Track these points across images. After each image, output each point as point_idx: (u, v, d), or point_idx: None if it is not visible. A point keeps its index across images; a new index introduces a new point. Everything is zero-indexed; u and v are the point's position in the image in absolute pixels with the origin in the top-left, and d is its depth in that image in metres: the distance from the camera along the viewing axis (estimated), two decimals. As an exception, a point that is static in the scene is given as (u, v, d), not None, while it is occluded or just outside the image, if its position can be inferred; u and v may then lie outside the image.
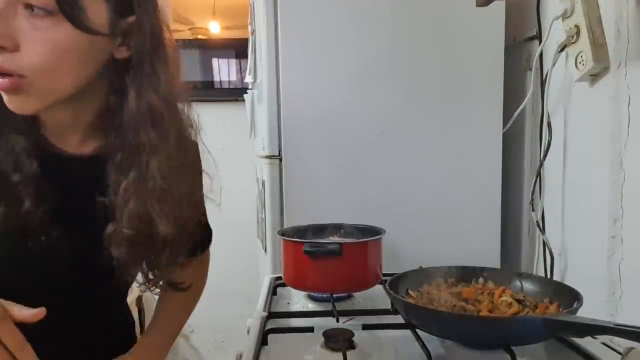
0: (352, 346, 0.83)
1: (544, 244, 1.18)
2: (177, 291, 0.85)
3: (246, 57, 1.76)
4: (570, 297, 0.80)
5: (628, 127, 0.91)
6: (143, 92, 0.69)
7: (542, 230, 1.19)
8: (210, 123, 0.87)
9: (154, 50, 0.69)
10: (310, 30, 1.24)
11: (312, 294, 1.09)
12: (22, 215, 0.66)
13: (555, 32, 1.10)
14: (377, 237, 1.05)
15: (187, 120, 0.79)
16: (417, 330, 0.83)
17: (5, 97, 0.63)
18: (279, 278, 1.14)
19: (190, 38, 2.77)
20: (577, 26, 0.98)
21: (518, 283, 0.93)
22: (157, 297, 0.95)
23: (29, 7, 0.59)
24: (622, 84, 0.92)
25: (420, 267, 0.99)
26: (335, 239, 1.14)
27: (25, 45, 0.59)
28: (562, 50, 1.08)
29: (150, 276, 0.79)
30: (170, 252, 0.75)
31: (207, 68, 2.56)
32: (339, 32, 1.25)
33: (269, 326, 0.90)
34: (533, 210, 1.21)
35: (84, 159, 0.75)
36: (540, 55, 1.18)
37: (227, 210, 0.91)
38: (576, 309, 0.75)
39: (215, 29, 2.76)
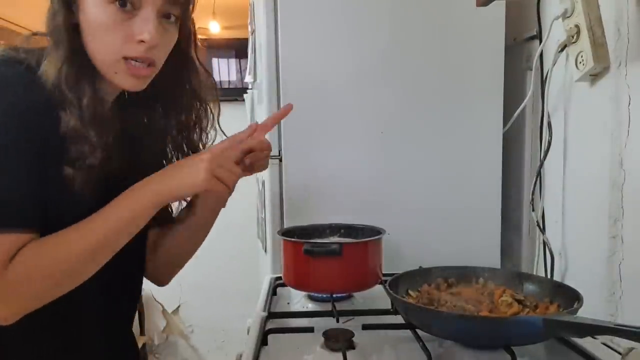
0: (352, 346, 0.83)
1: (544, 244, 1.18)
2: None
3: (246, 57, 1.77)
4: (570, 297, 0.81)
5: (628, 127, 0.91)
6: None
7: (542, 230, 1.19)
8: (210, 123, 0.87)
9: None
10: (310, 30, 1.24)
11: (312, 294, 1.09)
12: None
13: (555, 32, 1.10)
14: (377, 237, 1.05)
15: None
16: (417, 330, 0.83)
17: (134, 81, 0.75)
18: (279, 278, 1.14)
19: (190, 38, 2.77)
20: (577, 26, 0.98)
21: (518, 283, 0.93)
22: (155, 296, 0.95)
23: (167, 15, 0.75)
24: (622, 84, 0.92)
25: (420, 267, 0.99)
26: (335, 239, 1.14)
27: (160, 43, 0.75)
28: (562, 50, 1.08)
29: None
30: None
31: (207, 68, 2.56)
32: (339, 32, 1.25)
33: (269, 326, 0.91)
34: (533, 210, 1.21)
35: None
36: (541, 55, 1.18)
37: (227, 210, 0.91)
38: (576, 309, 0.75)
39: (215, 28, 2.76)
